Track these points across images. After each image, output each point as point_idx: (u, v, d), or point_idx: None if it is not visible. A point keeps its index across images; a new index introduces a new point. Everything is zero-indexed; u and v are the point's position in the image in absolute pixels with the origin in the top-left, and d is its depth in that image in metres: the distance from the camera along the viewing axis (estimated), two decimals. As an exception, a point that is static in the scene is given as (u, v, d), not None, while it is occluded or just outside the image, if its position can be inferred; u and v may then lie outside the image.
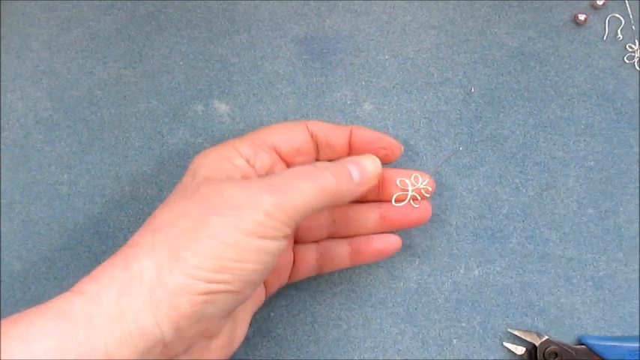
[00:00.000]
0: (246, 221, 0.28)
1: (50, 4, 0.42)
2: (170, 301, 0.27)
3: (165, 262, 0.27)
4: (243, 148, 0.33)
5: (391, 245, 0.36)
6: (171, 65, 0.41)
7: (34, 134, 0.41)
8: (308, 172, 0.31)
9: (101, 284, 0.27)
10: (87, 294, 0.27)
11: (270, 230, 0.29)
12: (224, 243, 0.28)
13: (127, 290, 0.27)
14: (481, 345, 0.38)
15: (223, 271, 0.28)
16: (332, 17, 0.42)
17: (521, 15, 0.41)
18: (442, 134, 0.40)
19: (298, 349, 0.38)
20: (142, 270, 0.27)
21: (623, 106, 0.40)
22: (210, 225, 0.28)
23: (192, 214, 0.29)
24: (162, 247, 0.28)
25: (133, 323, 0.26)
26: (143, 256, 0.28)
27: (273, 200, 0.29)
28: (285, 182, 0.30)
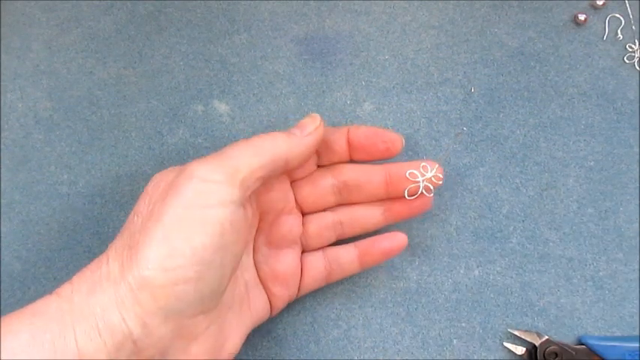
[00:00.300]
0: (184, 193, 0.28)
1: (50, 4, 0.42)
2: (133, 297, 0.27)
3: (125, 260, 0.28)
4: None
5: (398, 243, 0.36)
6: (171, 65, 0.41)
7: (34, 134, 0.41)
8: (244, 140, 0.31)
9: (74, 285, 0.29)
10: (61, 295, 0.28)
11: (212, 195, 0.28)
12: (168, 223, 0.28)
13: (95, 288, 0.28)
14: (481, 345, 0.38)
15: (174, 254, 0.27)
16: (332, 17, 0.42)
17: (521, 15, 0.41)
18: (442, 134, 0.40)
19: (298, 349, 0.38)
20: (109, 270, 0.28)
21: (623, 106, 0.40)
22: (154, 212, 0.28)
23: (142, 210, 0.30)
24: (121, 246, 0.29)
25: (100, 319, 0.27)
26: (112, 257, 0.29)
27: (207, 166, 0.29)
28: (221, 152, 0.30)
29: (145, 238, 0.28)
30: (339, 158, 0.36)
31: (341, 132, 0.35)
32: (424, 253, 0.39)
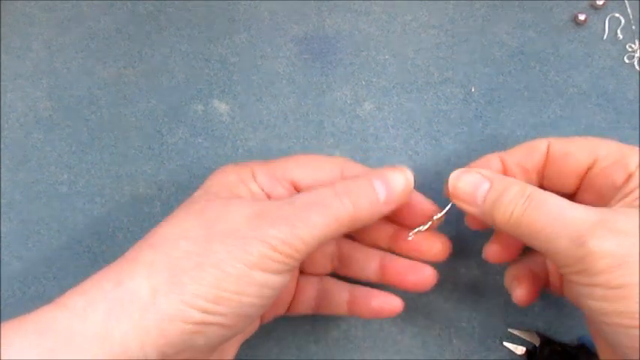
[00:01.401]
0: (251, 253, 0.27)
1: (50, 4, 0.42)
2: (161, 327, 0.26)
3: (162, 285, 0.26)
4: (261, 176, 0.31)
5: (390, 307, 0.34)
6: (171, 65, 0.41)
7: (34, 134, 0.41)
8: (323, 201, 0.29)
9: (89, 299, 0.26)
10: (72, 308, 0.26)
11: (275, 264, 0.27)
12: (226, 273, 0.26)
13: (116, 309, 0.26)
14: (481, 345, 0.38)
15: (220, 302, 0.26)
16: (332, 17, 0.42)
17: (521, 15, 0.41)
18: (442, 134, 0.40)
19: (298, 349, 0.38)
20: (136, 289, 0.26)
21: (623, 106, 0.40)
22: (213, 253, 0.27)
23: (194, 237, 0.27)
24: (161, 268, 0.27)
25: (118, 345, 0.25)
26: (139, 273, 0.26)
27: (280, 234, 0.27)
28: (296, 214, 0.28)
29: (195, 272, 0.26)
30: None
31: None
32: (424, 253, 0.39)
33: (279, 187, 0.32)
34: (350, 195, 0.29)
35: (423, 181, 0.39)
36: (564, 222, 0.27)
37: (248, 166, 0.32)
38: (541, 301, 0.38)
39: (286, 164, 0.32)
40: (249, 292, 0.27)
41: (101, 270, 0.28)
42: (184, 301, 0.26)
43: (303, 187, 0.32)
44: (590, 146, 0.32)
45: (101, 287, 0.26)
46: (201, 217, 0.28)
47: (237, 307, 0.27)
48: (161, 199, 0.40)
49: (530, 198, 0.28)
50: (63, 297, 0.27)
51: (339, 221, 0.29)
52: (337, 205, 0.29)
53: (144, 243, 0.28)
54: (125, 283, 0.26)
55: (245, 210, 0.28)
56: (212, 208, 0.29)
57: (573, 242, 0.26)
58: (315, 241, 0.28)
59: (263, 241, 0.27)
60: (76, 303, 0.26)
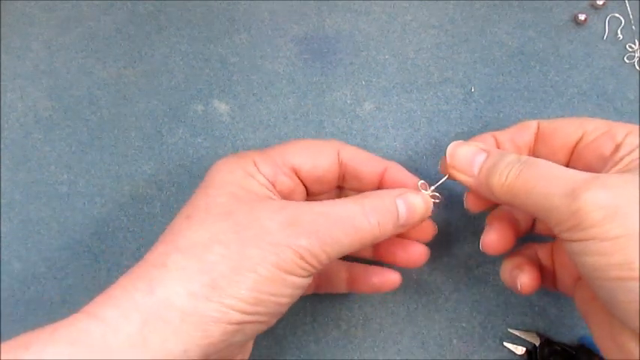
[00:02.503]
0: (284, 259, 0.28)
1: (50, 4, 0.42)
2: (203, 329, 0.26)
3: (200, 290, 0.27)
4: (263, 166, 0.32)
5: (388, 282, 0.35)
6: (171, 65, 0.41)
7: (34, 134, 0.41)
8: (352, 218, 0.30)
9: (122, 310, 0.26)
10: (105, 320, 0.26)
11: (302, 270, 0.29)
12: (262, 277, 0.28)
13: (152, 317, 0.26)
14: (481, 345, 0.38)
15: (259, 303, 0.28)
16: (332, 17, 0.42)
17: (521, 15, 0.41)
18: (442, 134, 0.40)
19: (298, 349, 0.38)
20: (171, 296, 0.26)
21: (623, 106, 0.40)
22: (249, 258, 0.28)
23: (226, 241, 0.28)
24: (196, 273, 0.27)
25: (158, 352, 0.26)
26: (171, 279, 0.27)
27: (309, 247, 0.28)
28: (326, 229, 0.29)
29: (233, 276, 0.27)
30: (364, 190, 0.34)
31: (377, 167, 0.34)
32: (424, 253, 0.39)
33: (281, 175, 0.32)
34: (377, 215, 0.30)
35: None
36: (558, 178, 0.28)
37: (249, 157, 0.32)
38: (541, 301, 0.38)
39: (285, 151, 0.33)
40: (284, 292, 0.29)
41: (128, 276, 0.28)
42: (226, 304, 0.27)
43: (303, 172, 0.33)
44: (578, 122, 0.33)
45: (133, 297, 0.26)
46: (229, 220, 0.29)
47: (273, 307, 0.28)
48: (161, 199, 0.40)
49: (525, 162, 0.29)
50: (93, 306, 0.27)
51: (362, 240, 0.30)
52: (365, 224, 0.30)
53: (169, 247, 0.28)
54: (157, 291, 0.27)
55: (276, 217, 0.29)
56: (240, 211, 0.29)
57: (567, 197, 0.27)
58: (337, 255, 0.30)
59: (294, 250, 0.28)
60: (108, 314, 0.26)
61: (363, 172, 0.34)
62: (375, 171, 0.34)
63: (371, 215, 0.30)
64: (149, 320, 0.26)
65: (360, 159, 0.34)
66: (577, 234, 0.26)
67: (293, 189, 0.33)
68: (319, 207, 0.30)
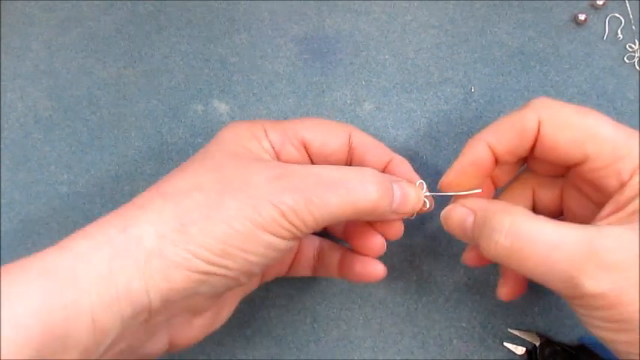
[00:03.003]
0: (262, 215, 0.27)
1: (50, 4, 0.42)
2: (165, 273, 0.26)
3: (169, 233, 0.26)
4: (272, 133, 0.32)
5: (372, 272, 0.34)
6: (171, 65, 0.41)
7: (34, 134, 0.41)
8: (347, 183, 0.28)
9: (93, 243, 0.26)
10: (76, 252, 0.26)
11: (283, 230, 0.27)
12: (234, 230, 0.27)
13: (121, 252, 0.26)
14: (481, 345, 0.38)
15: (226, 256, 0.27)
16: (332, 17, 0.42)
17: (521, 15, 0.41)
18: (442, 134, 0.40)
19: (298, 349, 0.38)
20: (142, 234, 0.26)
21: (623, 106, 0.40)
22: (224, 208, 0.27)
23: (208, 190, 0.27)
24: (169, 216, 0.27)
25: (122, 287, 0.25)
26: (146, 220, 0.27)
27: (293, 204, 0.27)
28: (316, 188, 0.28)
29: (204, 224, 0.26)
30: None
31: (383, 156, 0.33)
32: (424, 253, 0.39)
33: (289, 145, 0.32)
34: (376, 185, 0.29)
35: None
36: (552, 262, 0.26)
37: (260, 123, 0.32)
38: (541, 301, 0.38)
39: (298, 124, 0.33)
40: (255, 251, 0.27)
41: (106, 215, 0.27)
42: (191, 251, 0.26)
43: (312, 147, 0.32)
44: (582, 139, 0.28)
45: (106, 232, 0.26)
46: (218, 172, 0.28)
47: (242, 262, 0.27)
48: (161, 199, 0.40)
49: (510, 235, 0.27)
50: (66, 240, 0.26)
51: (353, 208, 0.29)
52: (361, 190, 0.29)
53: (154, 191, 0.28)
54: (131, 229, 0.26)
55: (266, 172, 0.28)
56: (231, 165, 0.29)
57: (566, 284, 0.26)
58: (325, 220, 0.28)
59: (275, 205, 0.27)
60: (80, 246, 0.26)
61: (370, 159, 0.33)
62: (381, 160, 0.33)
63: (369, 183, 0.29)
64: (118, 255, 0.26)
65: (370, 145, 0.33)
66: (583, 311, 0.26)
67: (299, 161, 0.32)
68: (314, 168, 0.29)
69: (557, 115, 0.29)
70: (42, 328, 0.23)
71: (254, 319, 0.38)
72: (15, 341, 0.23)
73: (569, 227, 0.26)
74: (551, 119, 0.29)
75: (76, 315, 0.24)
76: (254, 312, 0.38)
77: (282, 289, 0.39)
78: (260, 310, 0.38)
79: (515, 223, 0.27)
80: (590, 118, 0.28)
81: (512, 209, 0.28)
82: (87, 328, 0.24)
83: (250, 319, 0.38)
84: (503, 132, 0.30)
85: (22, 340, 0.23)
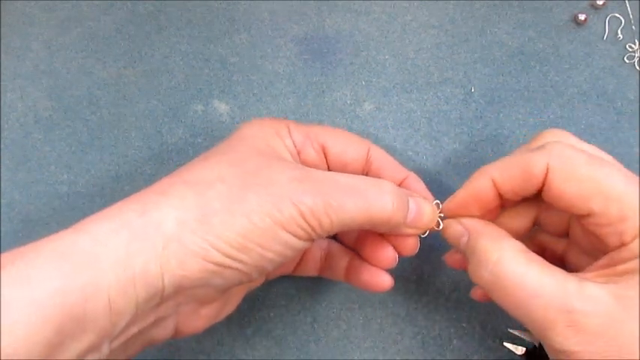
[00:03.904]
0: (282, 212, 0.27)
1: (50, 4, 0.42)
2: (181, 260, 0.26)
3: (190, 221, 0.26)
4: (296, 133, 0.32)
5: (378, 283, 0.34)
6: (171, 65, 0.41)
7: (34, 134, 0.41)
8: (366, 191, 0.29)
9: (112, 226, 0.26)
10: (94, 234, 0.26)
11: (300, 230, 0.28)
12: (254, 224, 0.27)
13: (140, 236, 0.26)
14: (481, 345, 0.38)
15: (243, 250, 0.27)
16: (332, 17, 0.42)
17: (521, 15, 0.41)
18: (442, 134, 0.40)
19: (298, 349, 0.38)
20: (162, 219, 0.26)
21: (623, 106, 0.40)
22: (246, 201, 0.27)
23: (231, 182, 0.28)
24: (192, 204, 0.27)
25: (139, 270, 0.25)
26: (167, 204, 0.27)
27: (312, 205, 0.28)
28: (335, 193, 0.28)
29: (225, 216, 0.27)
30: None
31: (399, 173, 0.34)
32: (424, 253, 0.39)
33: (309, 147, 0.32)
34: (393, 197, 0.30)
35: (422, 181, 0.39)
36: (529, 308, 0.27)
37: (284, 122, 0.32)
38: (541, 301, 0.38)
39: (320, 129, 0.33)
40: (271, 247, 0.28)
41: (125, 198, 0.27)
42: (209, 242, 0.26)
43: (331, 154, 0.33)
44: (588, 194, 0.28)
45: (125, 215, 0.26)
46: (241, 166, 0.29)
47: (258, 258, 0.27)
48: (161, 199, 0.40)
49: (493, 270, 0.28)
50: (84, 222, 0.26)
51: (369, 216, 0.29)
52: (379, 200, 0.29)
53: (176, 178, 0.28)
54: (150, 213, 0.26)
55: (288, 172, 0.29)
56: (255, 160, 0.29)
57: (538, 332, 0.27)
58: (341, 225, 0.29)
59: (294, 204, 0.27)
60: (98, 228, 0.26)
61: (386, 174, 0.34)
62: (397, 176, 0.34)
63: (387, 194, 0.29)
64: (136, 238, 0.26)
65: (387, 162, 0.34)
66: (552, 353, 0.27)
67: (317, 164, 0.33)
68: (335, 175, 0.30)
69: (567, 164, 0.28)
70: (60, 310, 0.23)
71: (254, 319, 0.38)
72: (35, 322, 0.23)
73: (552, 276, 0.27)
74: (560, 168, 0.28)
75: (93, 296, 0.24)
76: (254, 312, 0.38)
77: (282, 289, 0.39)
78: (260, 310, 0.38)
79: (501, 261, 0.28)
80: (600, 171, 0.28)
81: (503, 244, 0.28)
82: (104, 309, 0.25)
83: (250, 319, 0.38)
84: (510, 170, 0.30)
85: (41, 321, 0.23)
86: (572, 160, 0.28)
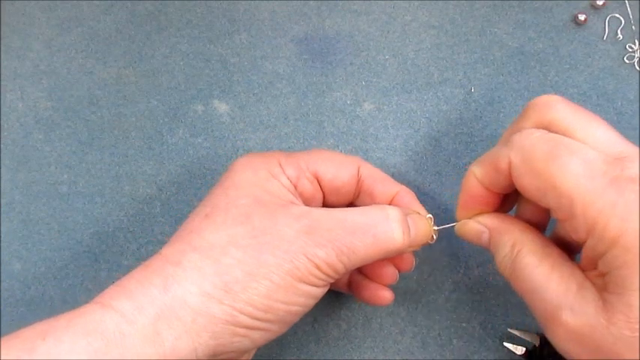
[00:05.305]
0: (299, 268, 0.28)
1: (50, 4, 0.42)
2: (213, 330, 0.27)
3: (213, 291, 0.27)
4: (288, 168, 0.32)
5: (379, 298, 0.35)
6: (171, 65, 0.41)
7: (34, 134, 0.41)
8: (375, 227, 0.30)
9: (137, 303, 0.26)
10: (120, 311, 0.26)
11: (317, 280, 0.29)
12: (276, 284, 0.28)
13: (167, 313, 0.26)
14: (481, 345, 0.38)
15: (270, 310, 0.28)
16: (332, 17, 0.42)
17: (521, 15, 0.41)
18: (442, 134, 0.40)
19: (298, 349, 0.38)
20: (186, 294, 0.27)
21: (623, 106, 0.40)
22: (264, 264, 0.28)
23: (243, 245, 0.28)
24: (211, 274, 0.28)
25: (169, 347, 0.26)
26: (186, 278, 0.27)
27: (326, 257, 0.29)
28: (345, 238, 0.29)
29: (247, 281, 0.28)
30: None
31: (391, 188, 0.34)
32: (424, 253, 0.39)
33: (304, 179, 0.33)
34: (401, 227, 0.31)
35: (422, 181, 0.39)
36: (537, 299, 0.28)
37: (275, 159, 0.32)
38: (541, 301, 0.38)
39: (309, 157, 0.33)
40: (296, 301, 0.29)
41: (143, 269, 0.28)
42: (236, 308, 0.27)
43: (324, 180, 0.33)
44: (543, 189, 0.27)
45: (148, 291, 0.27)
46: (248, 224, 0.29)
47: (284, 315, 0.29)
48: (161, 199, 0.40)
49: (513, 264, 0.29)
50: (107, 297, 0.27)
51: (381, 251, 0.30)
52: (387, 234, 0.30)
53: (187, 245, 0.29)
54: (173, 288, 0.27)
55: (295, 224, 0.29)
56: (260, 215, 0.30)
57: (544, 321, 0.28)
58: (354, 266, 0.30)
59: (309, 259, 0.29)
60: (123, 305, 0.26)
61: (377, 190, 0.34)
62: (389, 191, 0.34)
63: (395, 227, 0.31)
64: (163, 316, 0.26)
65: (378, 177, 0.34)
66: None
67: (313, 195, 0.33)
68: (339, 214, 0.30)
69: (525, 159, 0.27)
70: None
71: (254, 319, 0.38)
72: None
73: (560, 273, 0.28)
74: (518, 163, 0.28)
75: None
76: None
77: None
78: (260, 310, 0.38)
79: (520, 256, 0.29)
80: (555, 165, 0.26)
81: (523, 238, 0.29)
82: None
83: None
84: (485, 167, 0.30)
85: None
86: (530, 154, 0.27)
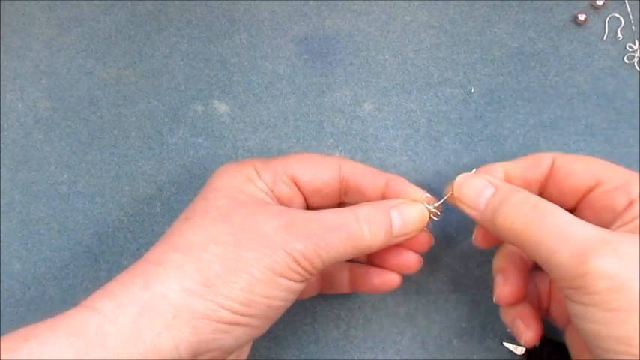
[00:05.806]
0: (279, 262, 0.29)
1: (50, 4, 0.42)
2: (194, 325, 0.27)
3: (194, 287, 0.28)
4: (264, 173, 0.33)
5: (388, 282, 0.35)
6: (171, 65, 0.41)
7: (34, 134, 0.41)
8: (347, 226, 0.31)
9: (118, 302, 0.27)
10: (102, 311, 0.27)
11: (296, 274, 0.29)
12: (256, 278, 0.28)
13: (147, 310, 0.27)
14: (481, 345, 0.38)
15: (251, 304, 0.28)
16: (332, 17, 0.42)
17: (521, 15, 0.41)
18: (442, 134, 0.40)
19: (298, 349, 0.38)
20: (167, 291, 0.27)
21: (623, 106, 0.40)
22: (243, 259, 0.28)
23: (223, 241, 0.29)
24: (191, 271, 0.28)
25: (150, 345, 0.26)
26: (167, 276, 0.28)
27: (303, 250, 0.29)
28: (321, 234, 0.30)
29: (227, 275, 0.28)
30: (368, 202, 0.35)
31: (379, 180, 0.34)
32: (424, 254, 0.39)
33: (280, 183, 0.33)
34: (369, 224, 0.31)
35: (422, 181, 0.39)
36: (567, 236, 0.27)
37: (251, 164, 0.33)
38: (541, 301, 0.38)
39: (286, 161, 0.34)
40: (276, 295, 0.29)
41: (126, 272, 0.29)
42: (217, 303, 0.28)
43: (302, 182, 0.33)
44: (594, 167, 0.32)
45: (129, 290, 0.27)
46: (227, 222, 0.30)
47: (265, 309, 0.29)
48: (161, 199, 0.40)
49: (534, 207, 0.29)
50: (90, 300, 0.28)
51: (355, 247, 0.31)
52: (358, 232, 0.31)
53: (167, 246, 0.29)
54: (154, 286, 0.27)
55: (273, 221, 0.30)
56: (238, 214, 0.30)
57: (574, 258, 0.26)
58: (332, 260, 0.31)
59: (288, 253, 0.29)
60: (105, 306, 0.27)
61: (364, 186, 0.34)
62: (377, 184, 0.34)
63: (364, 223, 0.31)
64: (144, 313, 0.27)
65: (362, 173, 0.34)
66: (580, 297, 0.26)
67: (291, 198, 0.33)
68: (315, 214, 0.31)
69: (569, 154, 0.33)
70: None
71: (254, 319, 0.38)
72: None
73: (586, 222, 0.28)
74: (564, 155, 0.33)
75: None
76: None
77: (282, 289, 0.39)
78: (260, 310, 0.38)
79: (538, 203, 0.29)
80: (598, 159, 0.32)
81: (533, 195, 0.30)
82: None
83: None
84: (519, 161, 0.33)
85: None
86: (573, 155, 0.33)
